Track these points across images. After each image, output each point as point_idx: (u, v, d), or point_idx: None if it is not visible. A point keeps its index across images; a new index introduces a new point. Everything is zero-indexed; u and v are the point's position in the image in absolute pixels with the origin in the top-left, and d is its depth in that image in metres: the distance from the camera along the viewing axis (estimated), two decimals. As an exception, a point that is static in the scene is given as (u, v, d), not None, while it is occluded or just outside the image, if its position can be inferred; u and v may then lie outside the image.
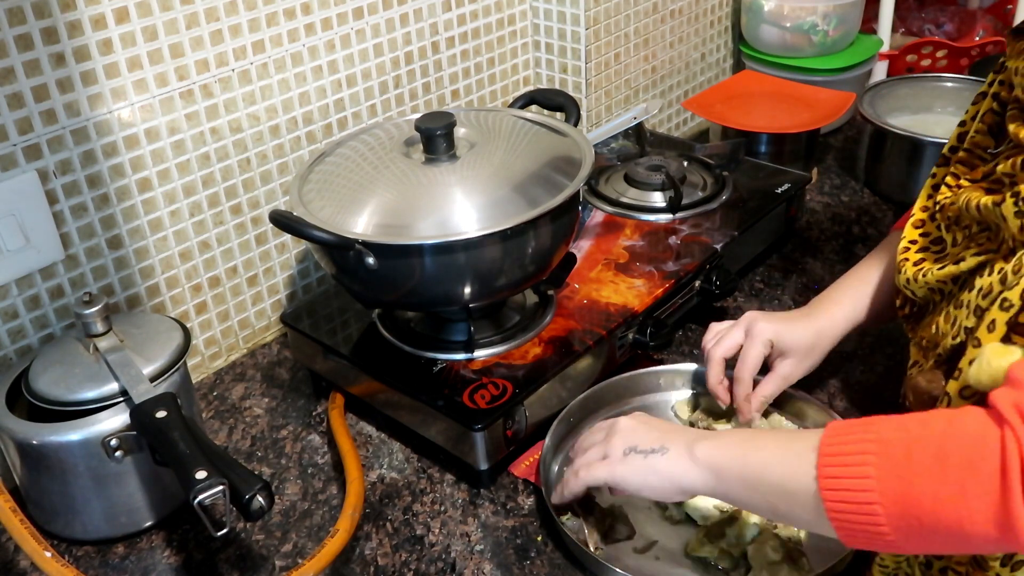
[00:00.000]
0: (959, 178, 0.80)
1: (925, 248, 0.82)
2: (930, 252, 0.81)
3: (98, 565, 0.88)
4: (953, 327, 0.73)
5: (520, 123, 1.03)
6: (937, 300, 0.79)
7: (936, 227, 0.82)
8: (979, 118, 0.80)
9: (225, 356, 1.14)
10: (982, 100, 0.81)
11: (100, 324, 0.87)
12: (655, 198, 1.20)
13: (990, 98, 0.80)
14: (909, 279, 0.80)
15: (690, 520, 0.86)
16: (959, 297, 0.74)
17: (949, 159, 0.84)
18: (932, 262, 0.79)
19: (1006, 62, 0.78)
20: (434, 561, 0.85)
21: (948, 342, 0.73)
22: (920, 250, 0.82)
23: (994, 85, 0.80)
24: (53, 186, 0.93)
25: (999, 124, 0.78)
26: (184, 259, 1.06)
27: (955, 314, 0.74)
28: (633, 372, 1.00)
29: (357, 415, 1.03)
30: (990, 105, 0.79)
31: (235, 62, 1.02)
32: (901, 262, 0.82)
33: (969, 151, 0.80)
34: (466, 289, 0.91)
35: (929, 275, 0.77)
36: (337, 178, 0.96)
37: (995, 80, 0.80)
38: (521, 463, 0.94)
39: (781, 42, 1.52)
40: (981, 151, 0.80)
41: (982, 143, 0.80)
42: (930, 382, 0.75)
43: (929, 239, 0.82)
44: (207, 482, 0.71)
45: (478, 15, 1.26)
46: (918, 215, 0.84)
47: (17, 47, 0.86)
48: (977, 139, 0.80)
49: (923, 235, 0.83)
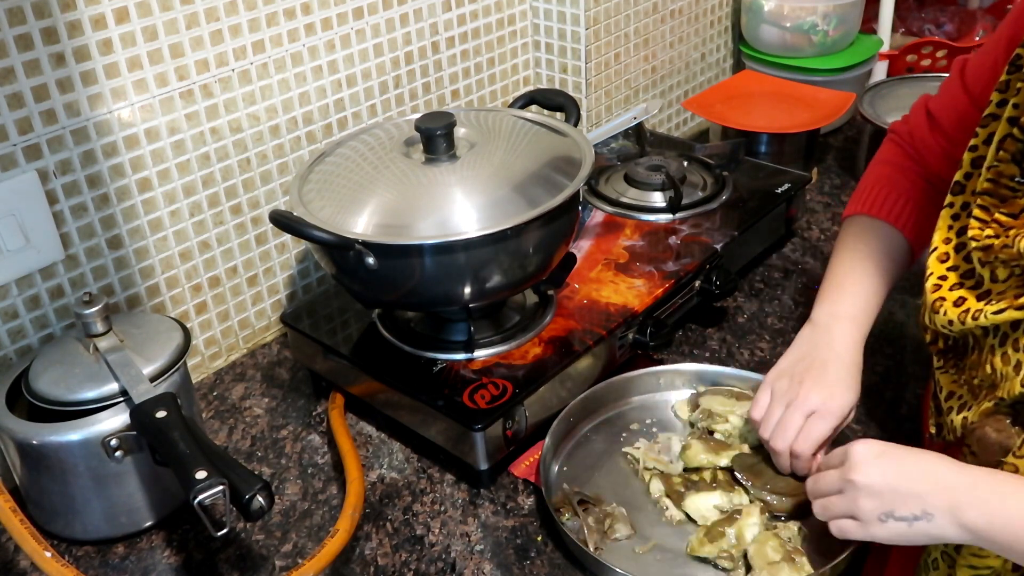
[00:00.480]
0: (990, 211, 0.76)
1: (958, 284, 0.78)
2: (966, 289, 0.78)
3: (98, 565, 0.88)
4: (1020, 372, 0.71)
5: (520, 123, 1.03)
6: (979, 335, 0.76)
7: (963, 260, 0.78)
8: (997, 144, 0.76)
9: (225, 356, 1.14)
10: (993, 122, 0.77)
11: (100, 324, 0.87)
12: (655, 198, 1.20)
13: (1005, 122, 0.75)
14: (953, 320, 0.76)
15: (690, 520, 0.86)
16: (1019, 340, 0.71)
17: (964, 186, 0.80)
18: (976, 300, 0.76)
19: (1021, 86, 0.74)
20: (434, 561, 0.85)
21: (1016, 388, 0.71)
22: (954, 287, 0.78)
23: (1007, 108, 0.75)
24: (53, 186, 0.93)
25: (1023, 152, 0.75)
26: (184, 259, 1.06)
27: (1017, 357, 0.71)
28: (633, 372, 1.00)
29: (357, 415, 1.03)
30: (1008, 131, 0.75)
31: (235, 62, 1.02)
32: (936, 301, 0.78)
33: (993, 181, 0.76)
34: (466, 289, 0.91)
35: (982, 318, 0.73)
36: (337, 178, 0.96)
37: (1004, 101, 0.76)
38: (521, 463, 0.94)
39: (781, 42, 1.52)
40: (1007, 180, 0.76)
41: (1007, 172, 0.75)
42: (999, 431, 0.73)
43: (959, 273, 0.79)
44: (207, 482, 0.71)
45: (478, 15, 1.26)
46: (941, 248, 0.80)
47: (17, 47, 0.86)
48: (1000, 168, 0.76)
49: (951, 269, 0.79)
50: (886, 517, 0.71)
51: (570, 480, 0.91)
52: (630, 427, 0.97)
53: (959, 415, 0.78)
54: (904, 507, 0.71)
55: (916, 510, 0.70)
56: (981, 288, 0.76)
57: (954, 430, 0.78)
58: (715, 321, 1.14)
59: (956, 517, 0.69)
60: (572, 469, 0.93)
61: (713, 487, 0.87)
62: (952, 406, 0.79)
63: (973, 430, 0.75)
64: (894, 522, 0.71)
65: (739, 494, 0.87)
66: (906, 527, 0.71)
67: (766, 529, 0.83)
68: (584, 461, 0.94)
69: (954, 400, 0.79)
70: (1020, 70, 0.75)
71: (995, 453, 0.73)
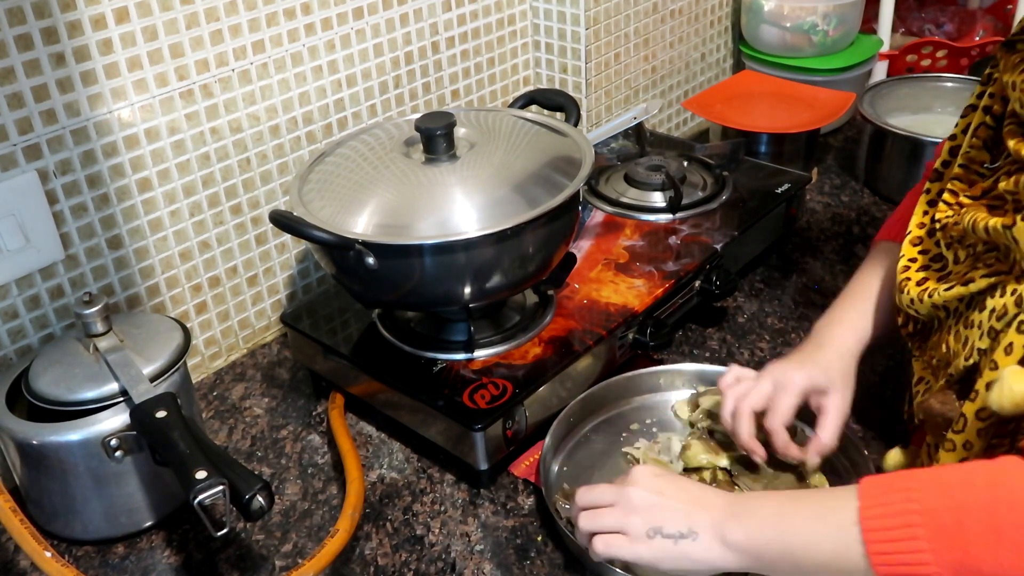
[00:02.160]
0: (957, 195, 0.79)
1: (926, 266, 0.81)
2: (931, 271, 0.80)
3: (98, 565, 0.88)
4: (965, 347, 0.72)
5: (520, 123, 1.03)
6: (942, 318, 0.78)
7: (934, 244, 0.81)
8: (972, 132, 0.79)
9: (225, 356, 1.14)
10: (972, 113, 0.80)
11: (100, 324, 0.87)
12: (655, 198, 1.20)
13: (981, 111, 0.78)
14: (913, 299, 0.79)
15: None
16: (968, 317, 0.73)
17: (942, 174, 0.82)
18: (936, 281, 0.78)
19: (996, 75, 0.77)
20: (434, 561, 0.85)
21: (960, 363, 0.72)
22: (921, 268, 0.81)
23: (984, 98, 0.79)
24: (53, 186, 0.93)
25: (994, 138, 0.78)
26: (184, 259, 1.06)
27: (966, 334, 0.73)
28: (633, 372, 1.00)
29: (357, 415, 1.03)
30: (982, 119, 0.78)
31: (235, 62, 1.02)
32: (903, 281, 0.80)
33: (965, 166, 0.79)
34: (466, 289, 0.91)
35: (936, 295, 0.76)
36: (337, 178, 0.96)
37: (984, 93, 0.79)
38: (521, 463, 0.94)
39: (781, 42, 1.52)
40: (977, 166, 0.79)
41: (977, 158, 0.79)
42: (943, 404, 0.74)
43: (928, 256, 0.81)
44: (207, 482, 0.71)
45: (478, 15, 1.26)
46: (915, 232, 0.82)
47: (17, 47, 0.86)
48: (972, 154, 0.79)
49: (922, 252, 0.81)
50: (654, 533, 0.71)
51: (570, 480, 0.91)
52: (630, 427, 0.98)
53: (922, 397, 0.79)
54: (672, 524, 0.71)
55: (683, 527, 0.70)
56: (945, 270, 0.78)
57: (918, 413, 0.79)
58: (715, 321, 1.14)
59: (720, 534, 0.69)
60: (572, 469, 0.93)
61: (713, 488, 0.87)
62: (919, 390, 0.80)
63: (921, 404, 0.77)
64: (661, 539, 0.71)
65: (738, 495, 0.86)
66: (671, 544, 0.70)
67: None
68: (584, 461, 0.94)
69: (921, 385, 0.81)
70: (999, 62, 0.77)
71: (939, 426, 0.74)
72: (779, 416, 0.85)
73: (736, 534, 0.69)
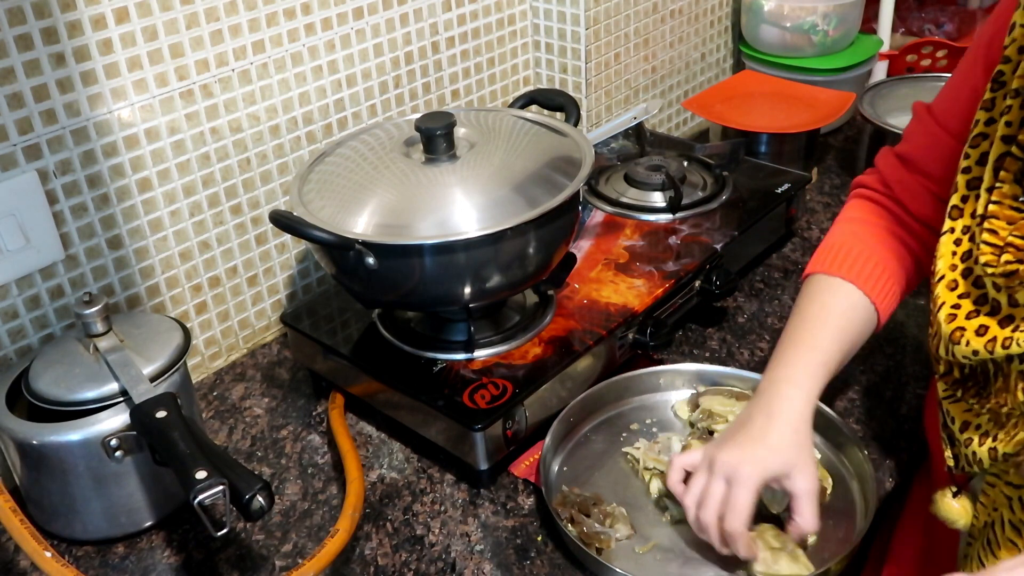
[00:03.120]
0: (998, 234, 0.73)
1: (975, 312, 0.74)
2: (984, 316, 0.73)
3: (98, 565, 0.88)
4: None
5: (520, 123, 1.03)
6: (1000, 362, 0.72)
7: (972, 285, 0.75)
8: (993, 165, 0.73)
9: (225, 356, 1.14)
10: (983, 142, 0.75)
11: (100, 324, 0.87)
12: (655, 198, 1.20)
13: (1000, 141, 0.73)
14: (979, 350, 0.72)
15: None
16: None
17: (962, 209, 0.76)
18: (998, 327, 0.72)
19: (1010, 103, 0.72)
20: (434, 561, 0.85)
21: None
22: (970, 315, 0.74)
23: (998, 126, 0.73)
24: (53, 186, 0.93)
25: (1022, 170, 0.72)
26: (184, 259, 1.06)
27: None
28: (633, 372, 1.00)
29: (357, 415, 1.03)
30: (1005, 149, 0.73)
31: (235, 62, 1.02)
32: (956, 332, 0.74)
33: (998, 203, 0.73)
34: (466, 289, 0.91)
35: (1014, 346, 0.69)
36: (337, 178, 0.96)
37: (992, 120, 0.74)
38: (521, 463, 0.94)
39: (781, 42, 1.52)
40: (1011, 200, 0.73)
41: (1010, 192, 0.73)
42: None
43: (971, 300, 0.74)
44: (207, 482, 0.71)
45: (478, 15, 1.26)
46: (949, 275, 0.76)
47: (17, 47, 0.86)
48: (1004, 190, 0.73)
49: (962, 296, 0.75)
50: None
51: (570, 480, 0.91)
52: (630, 427, 0.98)
53: (982, 446, 0.74)
54: None
55: None
56: (1000, 314, 0.72)
57: (979, 462, 0.74)
58: (715, 321, 1.14)
59: None
60: (572, 469, 0.93)
61: None
62: (971, 437, 0.75)
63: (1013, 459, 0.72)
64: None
65: None
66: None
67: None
68: (584, 461, 0.94)
69: (971, 431, 0.76)
70: (1004, 86, 0.73)
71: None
72: (738, 518, 0.77)
73: None
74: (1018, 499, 0.72)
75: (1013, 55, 0.72)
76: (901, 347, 1.08)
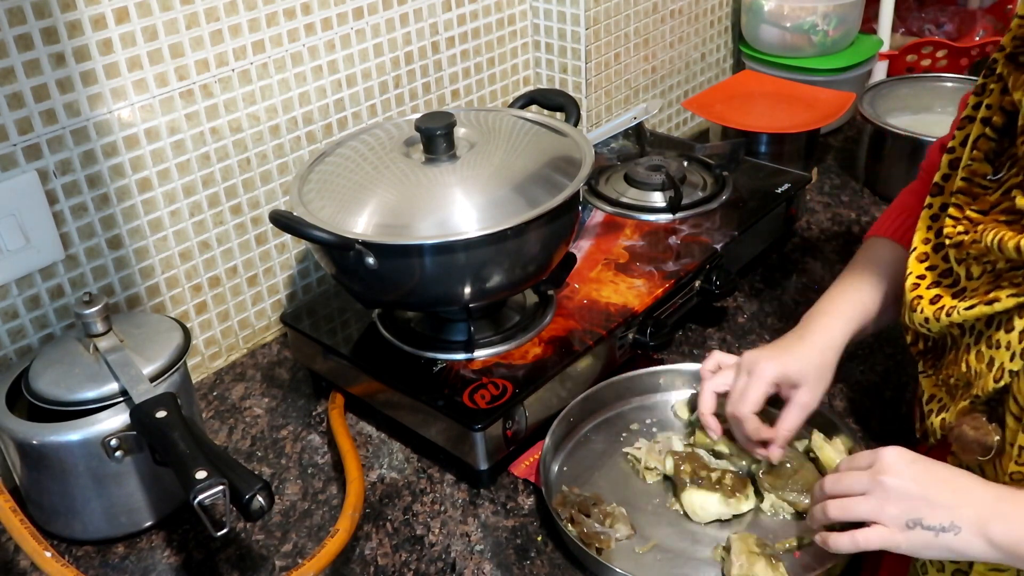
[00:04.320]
0: (962, 209, 0.77)
1: (936, 283, 0.78)
2: (943, 287, 0.78)
3: (98, 565, 0.88)
4: (992, 368, 0.71)
5: (520, 123, 1.03)
6: (956, 335, 0.76)
7: (941, 259, 0.79)
8: (971, 145, 0.77)
9: (225, 356, 1.14)
10: (969, 125, 0.78)
11: (100, 324, 0.87)
12: (655, 198, 1.20)
13: (979, 123, 0.77)
14: (928, 318, 0.76)
15: (688, 518, 0.86)
16: (992, 336, 0.71)
17: (943, 187, 0.81)
18: (951, 298, 0.76)
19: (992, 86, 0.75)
20: (434, 561, 0.85)
21: (989, 384, 0.71)
22: (931, 285, 0.78)
23: (981, 110, 0.77)
24: (53, 186, 0.93)
25: (995, 151, 0.76)
26: (184, 259, 1.06)
27: (991, 354, 0.71)
28: (633, 372, 1.00)
29: (357, 415, 1.03)
30: (981, 131, 0.77)
31: (235, 62, 1.02)
32: (914, 300, 0.78)
33: (968, 180, 0.77)
34: (466, 289, 0.91)
35: (955, 314, 0.73)
36: (337, 178, 0.96)
37: (980, 104, 0.77)
38: (521, 463, 0.94)
39: (781, 42, 1.52)
40: (980, 179, 0.77)
41: (979, 171, 0.77)
42: (976, 429, 0.72)
43: (937, 272, 0.79)
44: (207, 482, 0.71)
45: (478, 15, 1.26)
46: (921, 248, 0.80)
47: (17, 47, 0.86)
48: (974, 167, 0.77)
49: (929, 268, 0.79)
50: (913, 524, 0.69)
51: (570, 480, 0.91)
52: (630, 427, 0.98)
53: (938, 417, 0.77)
54: (933, 516, 0.69)
55: (944, 520, 0.68)
56: (958, 286, 0.76)
57: (935, 432, 0.78)
58: (715, 321, 1.14)
59: (983, 531, 0.67)
60: (572, 469, 0.93)
61: (716, 488, 0.87)
62: (932, 408, 0.79)
63: (951, 429, 0.75)
64: (921, 530, 0.69)
65: (739, 501, 0.86)
66: (932, 537, 0.69)
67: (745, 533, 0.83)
68: (584, 461, 0.94)
69: (934, 403, 0.79)
70: (994, 73, 0.76)
71: (974, 451, 0.73)
72: (748, 403, 0.86)
73: (1000, 530, 0.67)
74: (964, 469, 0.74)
75: (1007, 43, 0.74)
76: (901, 347, 1.08)
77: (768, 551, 0.80)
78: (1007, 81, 0.74)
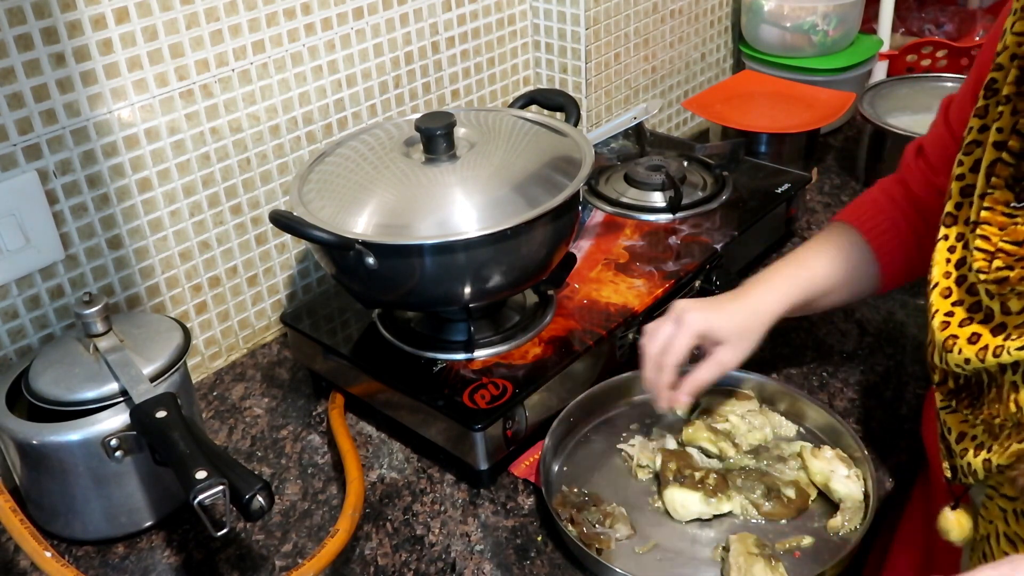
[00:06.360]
0: (991, 240, 0.72)
1: (968, 319, 0.73)
2: (977, 324, 0.73)
3: (98, 565, 0.88)
4: None
5: (520, 123, 1.03)
6: (995, 372, 0.71)
7: (966, 292, 0.74)
8: (986, 171, 0.73)
9: (225, 356, 1.14)
10: (976, 149, 0.75)
11: (100, 324, 0.87)
12: (655, 198, 1.20)
13: (991, 148, 0.73)
14: (970, 358, 0.71)
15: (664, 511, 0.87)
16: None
17: (956, 217, 0.77)
18: (991, 335, 0.71)
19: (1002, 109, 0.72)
20: (434, 561, 0.85)
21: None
22: (963, 323, 0.73)
23: (990, 133, 0.73)
24: (53, 186, 0.93)
25: (1014, 176, 0.72)
26: (184, 259, 1.06)
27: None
28: (633, 372, 1.00)
29: (357, 415, 1.03)
30: (996, 156, 0.73)
31: (235, 62, 1.02)
32: (948, 340, 0.73)
33: (990, 209, 0.73)
34: (466, 289, 0.91)
35: (1005, 354, 0.68)
36: (337, 178, 0.96)
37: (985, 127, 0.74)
38: (521, 463, 0.94)
39: (781, 42, 1.52)
40: (1003, 207, 0.73)
41: (1002, 199, 0.73)
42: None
43: (964, 308, 0.74)
44: (207, 482, 0.71)
45: (478, 15, 1.26)
46: (943, 283, 0.76)
47: (17, 47, 0.86)
48: (996, 195, 0.73)
49: (956, 304, 0.75)
50: None
51: (570, 480, 0.91)
52: (630, 427, 0.97)
53: (977, 457, 0.73)
54: None
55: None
56: (992, 322, 0.72)
57: (974, 473, 0.73)
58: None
59: None
60: (572, 469, 0.93)
61: (698, 487, 0.86)
62: (966, 447, 0.74)
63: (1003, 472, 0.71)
64: None
65: (720, 501, 0.86)
66: None
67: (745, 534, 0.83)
68: (584, 461, 0.94)
69: (967, 441, 0.75)
70: (997, 94, 0.73)
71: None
72: (672, 354, 0.88)
73: None
74: (1012, 512, 0.71)
75: (1005, 62, 0.72)
76: (901, 347, 1.08)
77: (767, 551, 0.80)
78: (1015, 103, 0.71)
